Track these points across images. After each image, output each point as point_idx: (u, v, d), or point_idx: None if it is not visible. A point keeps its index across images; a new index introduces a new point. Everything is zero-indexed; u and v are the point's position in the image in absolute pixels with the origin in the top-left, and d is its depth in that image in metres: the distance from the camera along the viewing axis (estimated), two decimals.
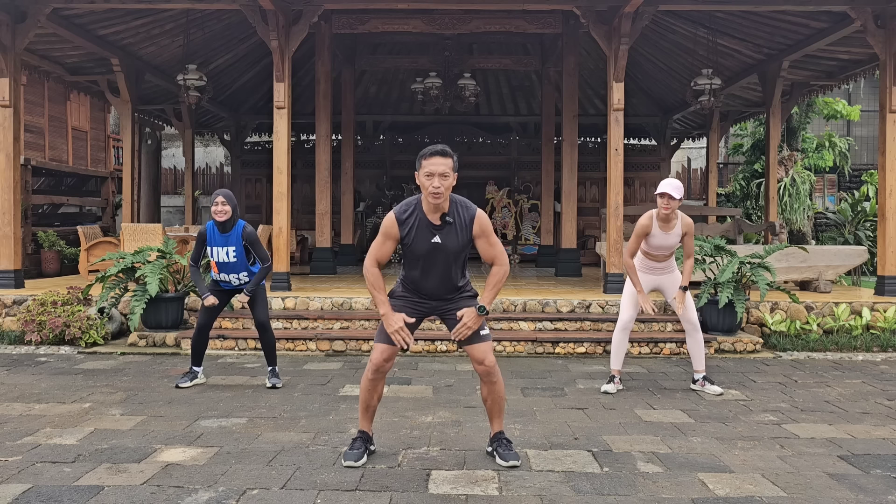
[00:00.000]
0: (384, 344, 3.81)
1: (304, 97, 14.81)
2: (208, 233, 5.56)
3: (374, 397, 3.94)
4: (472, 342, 3.84)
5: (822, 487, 3.62)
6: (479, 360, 3.82)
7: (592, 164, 15.48)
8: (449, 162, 3.64)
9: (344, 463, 3.86)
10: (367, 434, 4.00)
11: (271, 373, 5.82)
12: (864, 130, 19.48)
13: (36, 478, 3.65)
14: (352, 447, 3.94)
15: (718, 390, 5.65)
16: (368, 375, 3.87)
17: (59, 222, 13.63)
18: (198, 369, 5.81)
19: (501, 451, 3.92)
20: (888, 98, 8.60)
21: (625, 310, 5.74)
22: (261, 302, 5.70)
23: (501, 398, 3.95)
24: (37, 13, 8.62)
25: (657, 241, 5.57)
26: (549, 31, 10.90)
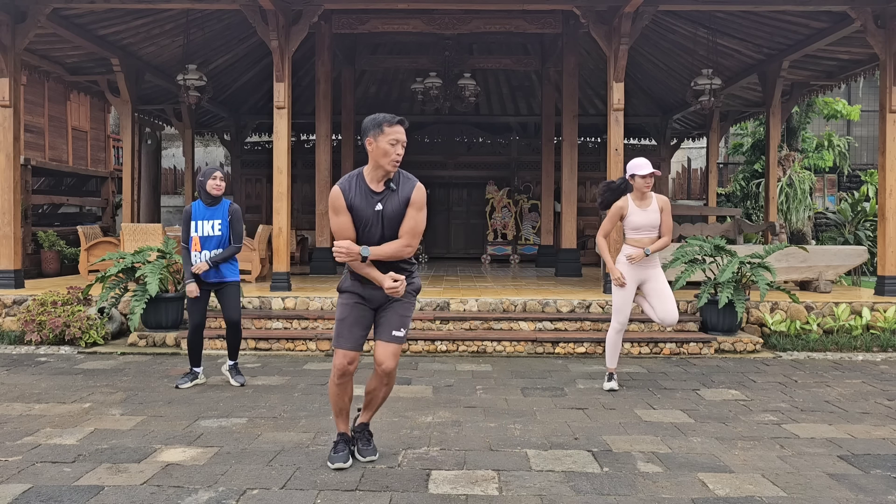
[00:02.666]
0: (345, 349, 3.75)
1: (304, 97, 14.81)
2: (194, 209, 5.58)
3: (344, 400, 3.88)
4: (382, 336, 3.76)
5: (822, 487, 3.62)
6: (380, 361, 3.75)
7: (592, 164, 15.48)
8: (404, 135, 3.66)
9: (332, 466, 3.84)
10: (347, 435, 3.98)
11: (233, 369, 5.82)
12: (864, 130, 19.48)
13: (36, 478, 3.65)
14: (335, 450, 3.90)
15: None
16: (335, 381, 3.79)
17: (59, 222, 13.63)
18: (198, 370, 5.81)
19: (361, 444, 3.98)
20: (888, 98, 8.60)
21: (620, 311, 5.70)
22: (233, 298, 5.67)
23: (383, 400, 3.96)
24: (37, 13, 8.62)
25: (638, 219, 5.56)
26: (549, 31, 10.90)
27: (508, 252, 15.05)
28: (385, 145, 3.60)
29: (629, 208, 5.59)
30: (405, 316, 3.80)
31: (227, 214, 5.57)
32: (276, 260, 8.77)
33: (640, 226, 5.58)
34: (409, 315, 3.84)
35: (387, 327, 3.77)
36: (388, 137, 3.61)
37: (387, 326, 3.77)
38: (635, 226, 5.59)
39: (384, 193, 3.67)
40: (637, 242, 5.61)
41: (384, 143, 3.60)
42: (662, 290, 5.65)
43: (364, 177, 3.70)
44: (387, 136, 3.61)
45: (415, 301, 3.90)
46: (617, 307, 5.71)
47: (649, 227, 5.59)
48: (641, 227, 5.58)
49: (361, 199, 3.66)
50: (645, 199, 5.59)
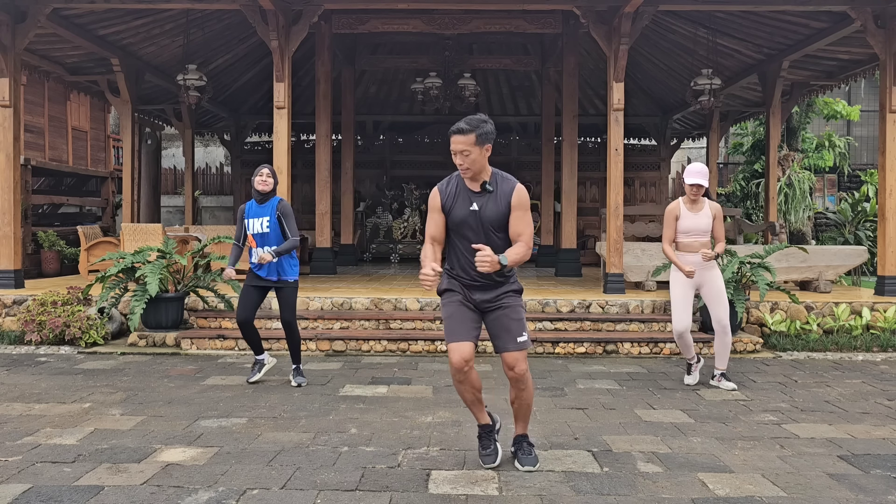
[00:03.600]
0: (457, 342, 3.68)
1: (304, 97, 14.80)
2: (247, 208, 5.70)
3: (472, 392, 3.78)
4: (507, 348, 3.73)
5: (822, 487, 3.62)
6: (510, 367, 3.73)
7: (592, 164, 15.48)
8: (469, 138, 3.63)
9: (484, 465, 3.84)
10: (489, 425, 3.93)
11: (296, 371, 5.88)
12: (864, 130, 19.47)
13: (36, 478, 3.65)
14: (482, 446, 3.90)
15: (732, 385, 5.81)
16: (456, 378, 3.73)
17: (59, 222, 13.62)
18: (261, 357, 5.89)
19: (521, 455, 3.90)
20: (888, 98, 8.60)
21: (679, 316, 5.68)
22: (289, 300, 5.71)
23: (529, 405, 3.90)
24: (37, 13, 8.62)
25: (688, 223, 5.62)
26: (549, 31, 10.90)
27: None
28: (453, 157, 3.71)
29: (681, 211, 5.64)
30: (521, 320, 3.77)
31: (275, 211, 5.60)
32: None
33: (690, 230, 5.63)
34: (524, 318, 3.82)
35: (509, 336, 3.73)
36: (451, 150, 3.72)
37: (509, 335, 3.73)
38: (685, 229, 5.64)
39: (481, 194, 3.72)
40: (687, 247, 5.66)
41: (452, 156, 3.71)
42: (714, 294, 5.72)
43: (462, 177, 3.78)
44: (451, 149, 3.72)
45: (522, 302, 3.87)
46: (674, 310, 5.75)
47: (700, 232, 5.64)
48: (691, 230, 5.63)
49: (457, 198, 3.73)
50: (697, 204, 5.65)
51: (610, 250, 8.73)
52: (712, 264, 5.74)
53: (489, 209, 3.69)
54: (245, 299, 5.68)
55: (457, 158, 3.67)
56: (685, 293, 5.70)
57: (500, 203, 3.69)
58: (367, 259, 14.60)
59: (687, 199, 5.67)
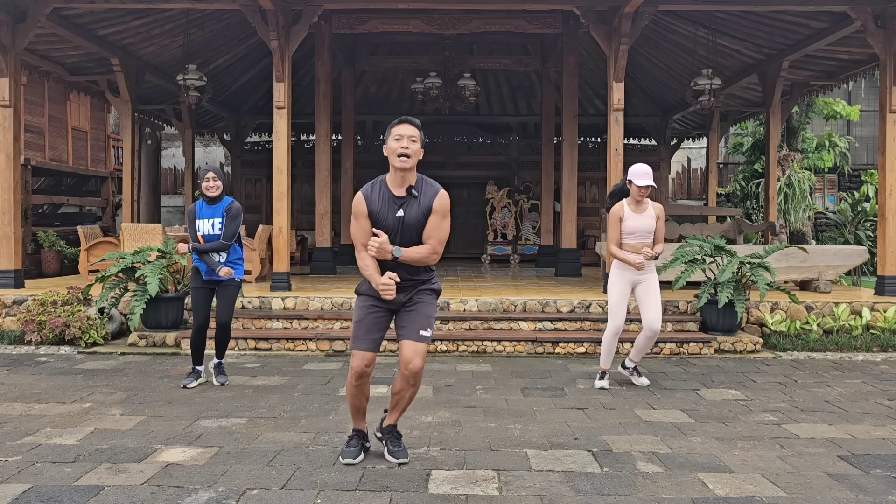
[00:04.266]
0: (362, 351, 3.78)
1: (304, 97, 14.81)
2: (197, 208, 5.64)
3: (362, 400, 3.94)
4: (408, 336, 3.77)
5: (822, 487, 3.62)
6: (407, 361, 3.75)
7: (592, 164, 15.47)
8: (416, 131, 3.72)
9: (343, 460, 3.90)
10: (363, 432, 4.04)
11: (217, 368, 5.83)
12: (864, 130, 19.47)
13: (36, 478, 3.65)
14: (348, 445, 3.99)
15: (646, 382, 5.90)
16: (352, 382, 3.84)
17: (59, 222, 13.62)
18: (200, 368, 5.83)
19: (391, 445, 3.98)
20: (888, 98, 8.60)
21: (615, 315, 5.72)
22: (229, 298, 5.66)
23: (411, 400, 3.98)
24: (37, 13, 8.62)
25: (633, 224, 5.62)
26: (549, 31, 10.90)
27: (508, 252, 15.04)
28: (392, 144, 3.69)
29: (625, 213, 5.65)
30: (430, 316, 3.82)
31: (224, 212, 5.59)
32: (276, 260, 8.77)
33: (634, 230, 5.64)
34: (434, 315, 3.87)
35: (413, 327, 3.78)
36: (392, 136, 3.70)
37: (412, 326, 3.78)
38: (630, 230, 5.65)
39: (406, 199, 3.71)
40: (631, 248, 5.65)
41: (391, 143, 3.69)
42: (650, 295, 5.70)
43: (387, 182, 3.76)
44: (392, 136, 3.71)
45: (436, 302, 3.93)
46: (610, 310, 5.74)
47: (644, 233, 5.64)
48: (636, 231, 5.64)
49: (383, 204, 3.72)
50: (641, 205, 5.67)
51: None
52: (650, 266, 5.74)
53: (412, 214, 3.71)
54: (199, 304, 5.66)
55: (402, 142, 3.66)
56: (623, 292, 5.70)
57: (423, 207, 3.71)
58: None
59: (632, 200, 5.64)
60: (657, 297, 5.72)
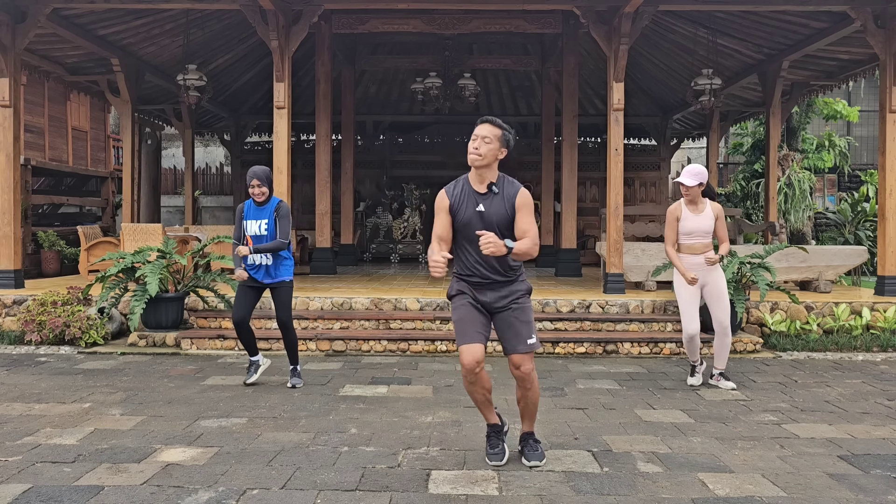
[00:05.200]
0: (468, 343, 3.72)
1: (304, 97, 14.81)
2: (246, 208, 5.68)
3: (483, 393, 3.86)
4: (516, 350, 3.78)
5: (822, 487, 3.62)
6: (517, 366, 3.79)
7: (592, 164, 15.47)
8: (495, 131, 3.77)
9: (490, 462, 3.90)
10: (498, 425, 4.00)
11: (293, 372, 5.85)
12: (864, 130, 19.48)
13: (36, 478, 3.65)
14: (490, 444, 3.97)
15: (732, 385, 5.82)
16: (467, 379, 3.79)
17: (59, 222, 13.63)
18: (255, 358, 5.85)
19: (527, 451, 3.95)
20: (888, 98, 8.60)
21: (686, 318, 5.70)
22: (284, 300, 5.68)
23: (535, 403, 3.95)
24: (37, 13, 8.62)
25: (690, 224, 5.61)
26: (549, 31, 10.90)
27: None
28: (470, 143, 3.78)
29: (682, 212, 5.62)
30: (530, 322, 3.84)
31: (273, 213, 5.61)
32: None
33: (692, 231, 5.61)
34: (532, 320, 3.87)
35: (518, 338, 3.78)
36: (473, 135, 3.79)
37: (518, 338, 3.79)
38: (688, 230, 5.62)
39: (487, 196, 3.78)
40: (690, 248, 5.64)
41: (470, 142, 3.78)
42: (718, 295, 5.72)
43: (469, 180, 3.85)
44: (473, 134, 3.79)
45: (531, 302, 3.92)
46: (681, 313, 5.76)
47: (702, 233, 5.62)
48: (693, 232, 5.62)
49: (464, 200, 3.79)
50: (698, 205, 5.63)
51: (610, 250, 8.73)
52: (715, 266, 5.73)
53: (494, 210, 3.75)
54: (241, 299, 5.67)
55: (474, 143, 3.73)
56: (692, 294, 5.71)
57: (506, 204, 3.76)
58: (367, 259, 14.59)
59: (687, 199, 5.65)
60: (723, 296, 5.72)
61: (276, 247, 5.55)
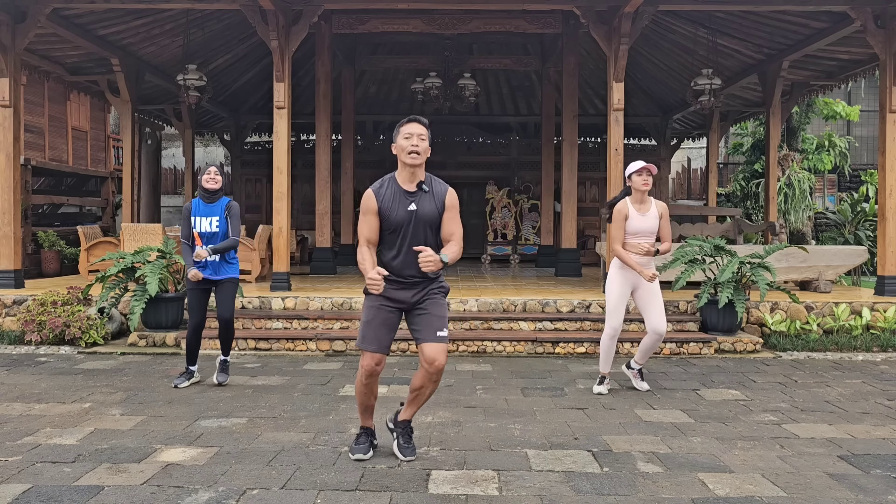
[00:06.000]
0: (372, 352, 3.84)
1: (304, 97, 14.81)
2: (193, 206, 5.65)
3: (370, 398, 4.02)
4: (426, 339, 3.83)
5: (822, 487, 3.62)
6: (430, 360, 3.80)
7: (592, 164, 15.47)
8: (425, 130, 3.82)
9: (353, 456, 3.96)
10: (371, 429, 4.11)
11: (222, 365, 5.82)
12: (864, 130, 19.48)
13: (36, 478, 3.65)
14: (357, 442, 4.05)
15: (646, 386, 5.80)
16: (362, 380, 3.91)
17: (59, 222, 13.62)
18: (193, 368, 5.83)
19: (403, 441, 4.04)
20: (888, 98, 8.60)
21: (613, 316, 5.63)
22: (228, 295, 5.67)
23: (430, 396, 4.03)
24: (37, 13, 8.62)
25: (636, 224, 5.54)
26: (549, 31, 10.89)
27: (508, 252, 15.04)
28: (401, 142, 3.79)
29: (630, 212, 5.56)
30: (444, 317, 3.91)
31: (223, 211, 5.62)
32: (276, 260, 8.77)
33: (638, 231, 5.55)
34: (446, 315, 3.95)
35: (430, 329, 3.85)
36: (402, 135, 3.81)
37: (429, 328, 3.85)
38: (634, 230, 5.56)
39: (417, 194, 3.80)
40: (635, 248, 5.55)
41: (400, 141, 3.80)
42: (652, 298, 5.60)
43: (396, 179, 3.85)
44: (401, 134, 3.81)
45: (447, 302, 4.00)
46: (608, 311, 5.67)
47: (648, 233, 5.56)
48: (640, 232, 5.55)
49: (394, 200, 3.80)
50: (644, 204, 5.57)
51: (610, 250, 8.72)
52: (651, 266, 5.64)
53: (426, 209, 3.80)
54: (194, 302, 5.67)
55: (412, 140, 3.75)
56: (623, 293, 5.61)
57: (436, 202, 3.82)
58: None
59: (635, 196, 5.54)
60: (660, 297, 5.63)
61: (230, 245, 5.60)
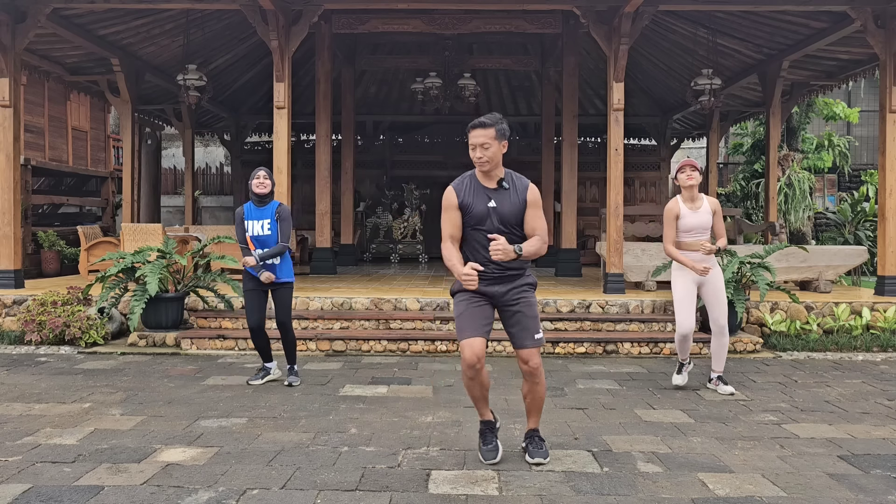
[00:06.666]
0: (469, 338, 3.75)
1: (304, 97, 14.81)
2: (245, 210, 5.71)
3: (479, 388, 3.88)
4: (524, 345, 3.83)
5: (822, 487, 3.62)
6: (525, 361, 3.85)
7: (592, 164, 15.48)
8: (489, 132, 3.74)
9: (485, 461, 3.90)
10: (491, 422, 4.03)
11: (290, 371, 5.89)
12: (864, 130, 19.47)
13: (36, 478, 3.65)
14: (484, 441, 3.98)
15: (730, 390, 5.67)
16: (467, 374, 3.82)
17: (59, 222, 13.62)
18: (269, 365, 5.92)
19: (531, 448, 3.97)
20: (888, 98, 8.60)
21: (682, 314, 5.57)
22: (286, 303, 5.73)
23: (541, 399, 3.99)
24: (37, 13, 8.62)
25: (689, 221, 5.53)
26: (549, 31, 10.90)
27: None
28: (470, 151, 3.77)
29: (681, 210, 5.55)
30: (536, 317, 3.89)
31: (274, 214, 5.64)
32: None
33: (692, 227, 5.54)
34: (538, 314, 3.91)
35: (527, 333, 3.84)
36: (470, 144, 3.77)
37: (526, 332, 3.84)
38: (687, 228, 5.55)
39: (497, 191, 3.79)
40: (689, 246, 5.56)
41: (470, 149, 3.77)
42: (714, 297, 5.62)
43: (476, 176, 3.85)
44: (470, 143, 3.77)
45: (535, 296, 3.95)
46: (676, 310, 5.64)
47: (701, 230, 5.55)
48: (693, 228, 5.54)
49: (474, 195, 3.79)
50: (695, 201, 5.56)
51: (610, 250, 8.73)
52: (713, 262, 5.68)
53: (506, 205, 3.78)
54: (252, 304, 5.72)
55: (476, 152, 3.73)
56: (688, 292, 5.62)
57: (517, 199, 3.79)
58: (367, 259, 14.60)
59: (685, 194, 5.56)
60: (721, 295, 5.63)
61: (279, 251, 5.63)
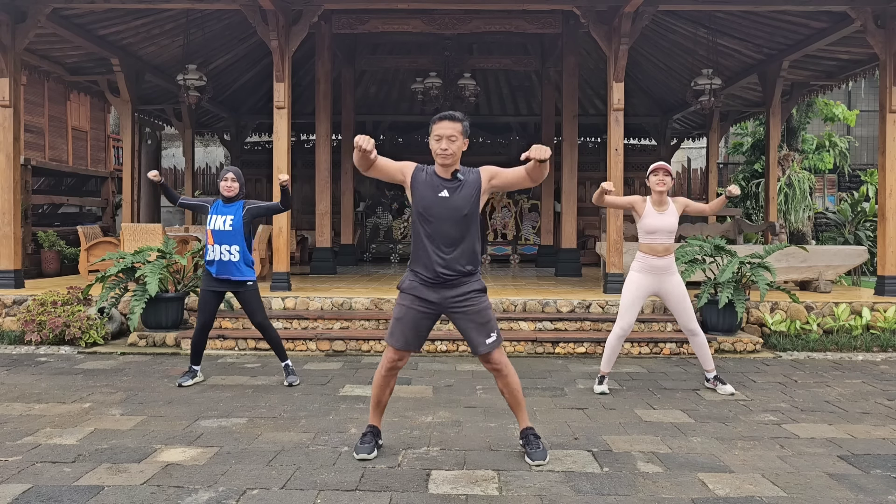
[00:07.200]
0: (394, 347, 3.89)
1: (304, 97, 14.81)
2: (214, 204, 5.78)
3: (385, 393, 4.03)
4: (478, 351, 3.87)
5: (822, 487, 3.62)
6: (485, 361, 3.92)
7: (592, 164, 15.47)
8: (458, 126, 3.78)
9: (357, 455, 3.95)
10: (377, 428, 4.11)
11: (286, 370, 5.89)
12: (864, 130, 19.47)
13: (36, 478, 3.65)
14: (362, 441, 4.04)
15: (731, 389, 5.63)
16: (382, 371, 3.96)
17: (59, 222, 13.62)
18: (196, 368, 5.86)
19: (529, 449, 3.96)
20: (888, 98, 8.60)
21: (624, 317, 5.50)
22: (255, 304, 5.72)
23: (517, 389, 3.99)
24: (37, 13, 8.62)
25: (653, 222, 5.37)
26: (549, 31, 10.89)
27: (508, 252, 15.05)
28: (432, 143, 3.80)
29: (646, 209, 5.41)
30: (489, 321, 3.87)
31: (241, 209, 5.71)
32: (276, 260, 8.77)
33: (656, 229, 5.37)
34: (492, 317, 3.90)
35: (477, 340, 3.85)
36: (433, 135, 3.81)
37: (479, 338, 3.85)
38: (650, 229, 5.38)
39: (451, 182, 3.80)
40: (651, 249, 5.40)
41: (432, 141, 3.80)
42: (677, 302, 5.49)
43: (434, 168, 3.88)
44: (433, 134, 3.81)
45: (487, 301, 3.93)
46: (621, 309, 5.54)
47: (665, 232, 5.38)
48: (658, 230, 5.37)
49: (427, 181, 3.81)
50: (663, 205, 5.43)
51: (610, 250, 8.73)
52: (672, 270, 5.48)
53: (459, 196, 3.79)
54: (204, 304, 5.71)
55: (442, 143, 3.74)
56: (639, 294, 5.48)
57: (471, 188, 3.81)
58: (367, 259, 14.60)
59: (653, 196, 5.42)
60: (685, 299, 5.49)
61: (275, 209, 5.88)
